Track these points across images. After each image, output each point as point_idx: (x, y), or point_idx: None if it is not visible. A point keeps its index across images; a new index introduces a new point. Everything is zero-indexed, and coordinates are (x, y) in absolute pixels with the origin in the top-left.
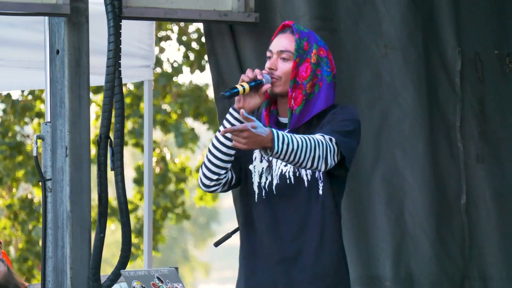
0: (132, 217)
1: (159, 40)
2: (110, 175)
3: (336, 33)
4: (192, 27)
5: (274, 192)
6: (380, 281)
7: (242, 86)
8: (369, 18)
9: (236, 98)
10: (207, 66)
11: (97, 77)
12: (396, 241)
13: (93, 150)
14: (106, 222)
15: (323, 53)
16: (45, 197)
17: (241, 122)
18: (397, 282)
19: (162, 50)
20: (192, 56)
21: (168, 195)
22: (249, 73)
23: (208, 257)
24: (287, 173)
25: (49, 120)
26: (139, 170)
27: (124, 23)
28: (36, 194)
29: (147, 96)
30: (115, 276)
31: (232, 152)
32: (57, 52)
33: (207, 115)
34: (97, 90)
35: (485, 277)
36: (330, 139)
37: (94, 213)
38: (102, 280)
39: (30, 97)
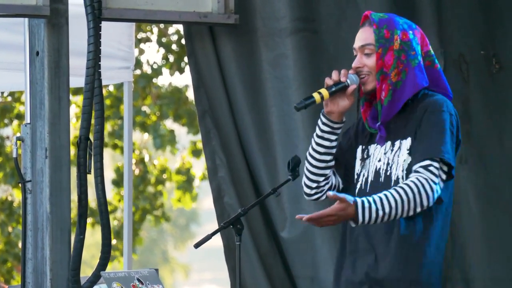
0: (111, 219)
1: (138, 41)
2: (90, 176)
3: (318, 34)
4: (171, 29)
5: (367, 190)
6: (362, 282)
7: (319, 93)
8: (351, 19)
9: (324, 102)
10: (187, 68)
11: (77, 78)
12: None
13: (73, 152)
14: (86, 224)
15: (406, 36)
16: (24, 198)
17: (328, 126)
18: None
19: (141, 51)
20: (171, 58)
21: (147, 197)
22: (333, 76)
23: (188, 258)
24: (380, 170)
25: (28, 121)
26: (118, 171)
27: (104, 25)
28: (16, 196)
29: (127, 97)
30: (95, 277)
31: (327, 158)
32: (37, 53)
33: (187, 117)
34: (76, 91)
35: (467, 278)
36: (427, 168)
37: (73, 214)
38: (82, 281)
39: (9, 98)
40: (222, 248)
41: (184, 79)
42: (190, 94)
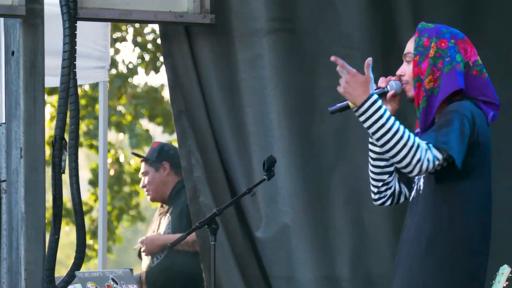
0: (86, 219)
1: (114, 41)
2: (65, 176)
3: (295, 34)
4: (147, 28)
5: (418, 199)
6: (337, 282)
7: None
8: (329, 19)
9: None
10: (162, 68)
11: (52, 78)
12: (354, 241)
13: (48, 152)
14: (61, 224)
15: (444, 44)
16: None
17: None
18: (355, 282)
19: (117, 51)
20: (147, 57)
21: (123, 197)
22: (379, 82)
23: None
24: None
25: (4, 121)
26: (94, 171)
27: (79, 24)
28: None
29: (102, 97)
30: (70, 277)
31: (381, 163)
32: (12, 53)
33: (162, 116)
34: (51, 91)
35: None
36: (427, 143)
37: (48, 214)
38: (57, 281)
39: None
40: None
41: (159, 79)
42: (166, 94)
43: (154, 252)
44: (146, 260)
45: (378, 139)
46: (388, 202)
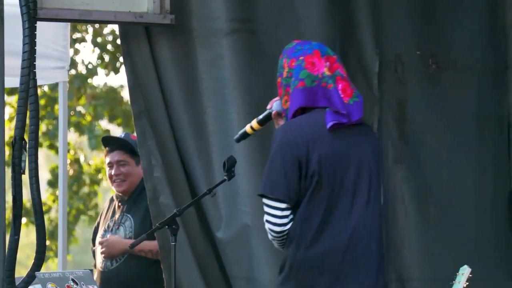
0: (45, 219)
1: (73, 41)
2: (25, 177)
3: (255, 35)
4: (107, 29)
5: None
6: None
7: (250, 125)
8: (288, 20)
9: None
10: (122, 68)
11: (12, 78)
12: None
13: (8, 152)
14: (21, 224)
15: (294, 63)
16: None
17: None
18: None
19: (76, 51)
20: (107, 58)
21: (82, 197)
22: (268, 105)
23: None
24: None
25: None
26: (53, 172)
27: (39, 25)
28: None
29: (62, 97)
30: (30, 278)
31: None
32: None
33: (122, 117)
34: (11, 91)
35: (403, 279)
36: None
37: (8, 215)
38: (17, 282)
39: None
40: None
41: (119, 79)
42: (126, 94)
43: (114, 256)
44: (102, 260)
45: None
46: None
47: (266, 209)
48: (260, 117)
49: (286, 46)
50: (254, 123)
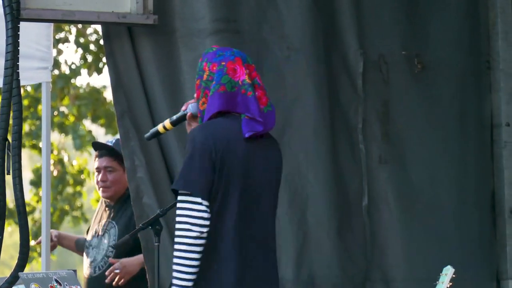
0: (28, 220)
1: (57, 42)
2: (8, 177)
3: (239, 35)
4: (90, 29)
5: None
6: (281, 283)
7: (163, 125)
8: (272, 20)
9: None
10: (105, 68)
11: None
12: (298, 242)
13: None
14: (4, 225)
15: (215, 67)
16: None
17: None
18: (298, 284)
19: (60, 52)
20: (90, 58)
21: (66, 198)
22: (183, 107)
23: None
24: None
25: None
26: (36, 172)
27: (22, 25)
28: None
29: (45, 98)
30: (13, 278)
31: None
32: None
33: (105, 117)
34: None
35: (387, 279)
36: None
37: None
38: (0, 282)
39: None
40: None
41: (102, 80)
42: (109, 95)
43: (131, 276)
44: (88, 267)
45: None
46: None
47: (186, 205)
48: (174, 117)
49: (206, 50)
50: (167, 123)
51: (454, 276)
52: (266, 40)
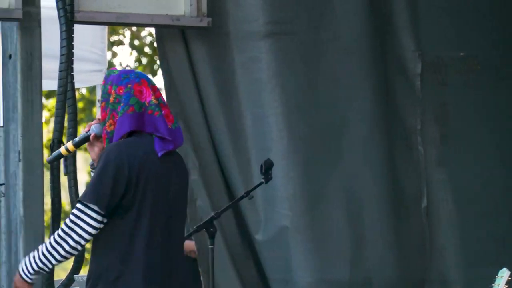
0: None
1: (111, 44)
2: (63, 179)
3: (293, 36)
4: (144, 32)
5: None
6: (338, 285)
7: (65, 147)
8: (327, 22)
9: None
10: (160, 71)
11: (50, 81)
12: (354, 244)
13: (46, 155)
14: (60, 227)
15: (122, 90)
16: None
17: None
18: (355, 286)
19: (114, 54)
20: (144, 61)
21: None
22: (85, 128)
23: None
24: None
25: (1, 124)
26: (91, 174)
27: (77, 28)
28: None
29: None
30: (69, 281)
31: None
32: (10, 56)
33: None
34: (49, 94)
35: (445, 280)
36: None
37: (47, 217)
38: (56, 285)
39: None
40: None
41: (157, 82)
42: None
43: None
44: None
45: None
46: None
47: (82, 216)
48: (77, 139)
49: (108, 73)
50: (69, 145)
51: (510, 278)
52: (321, 41)
